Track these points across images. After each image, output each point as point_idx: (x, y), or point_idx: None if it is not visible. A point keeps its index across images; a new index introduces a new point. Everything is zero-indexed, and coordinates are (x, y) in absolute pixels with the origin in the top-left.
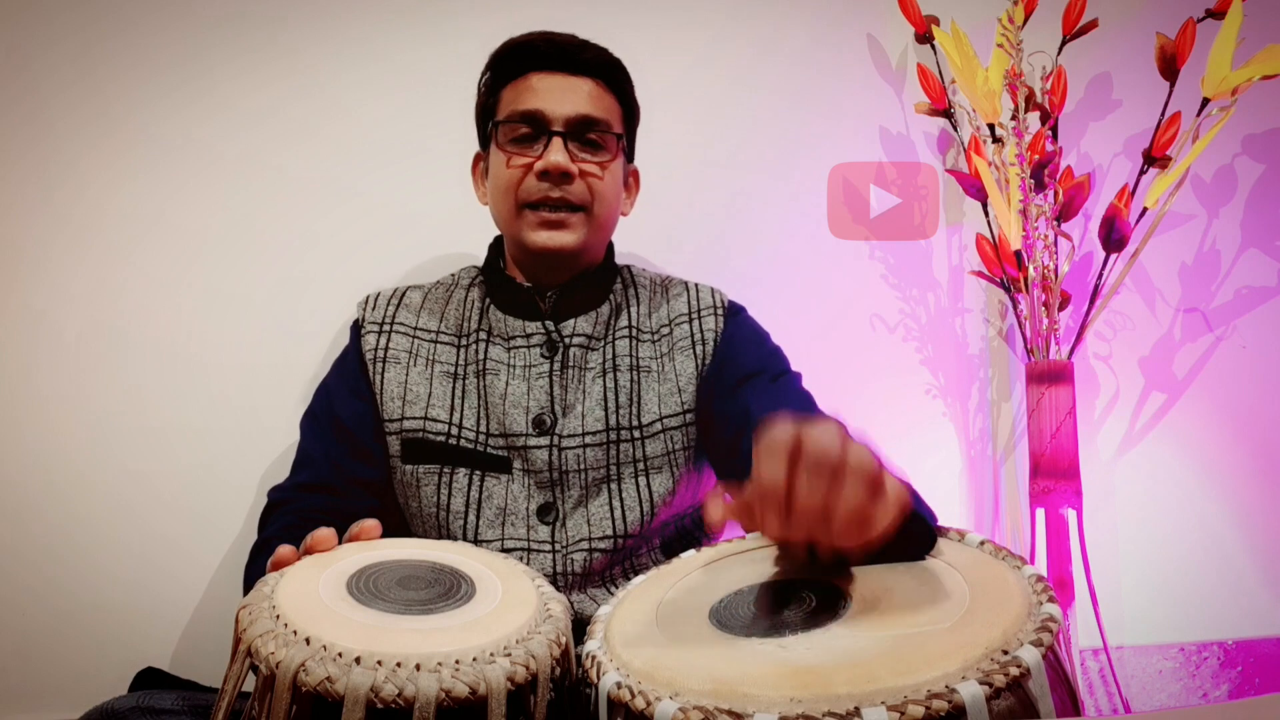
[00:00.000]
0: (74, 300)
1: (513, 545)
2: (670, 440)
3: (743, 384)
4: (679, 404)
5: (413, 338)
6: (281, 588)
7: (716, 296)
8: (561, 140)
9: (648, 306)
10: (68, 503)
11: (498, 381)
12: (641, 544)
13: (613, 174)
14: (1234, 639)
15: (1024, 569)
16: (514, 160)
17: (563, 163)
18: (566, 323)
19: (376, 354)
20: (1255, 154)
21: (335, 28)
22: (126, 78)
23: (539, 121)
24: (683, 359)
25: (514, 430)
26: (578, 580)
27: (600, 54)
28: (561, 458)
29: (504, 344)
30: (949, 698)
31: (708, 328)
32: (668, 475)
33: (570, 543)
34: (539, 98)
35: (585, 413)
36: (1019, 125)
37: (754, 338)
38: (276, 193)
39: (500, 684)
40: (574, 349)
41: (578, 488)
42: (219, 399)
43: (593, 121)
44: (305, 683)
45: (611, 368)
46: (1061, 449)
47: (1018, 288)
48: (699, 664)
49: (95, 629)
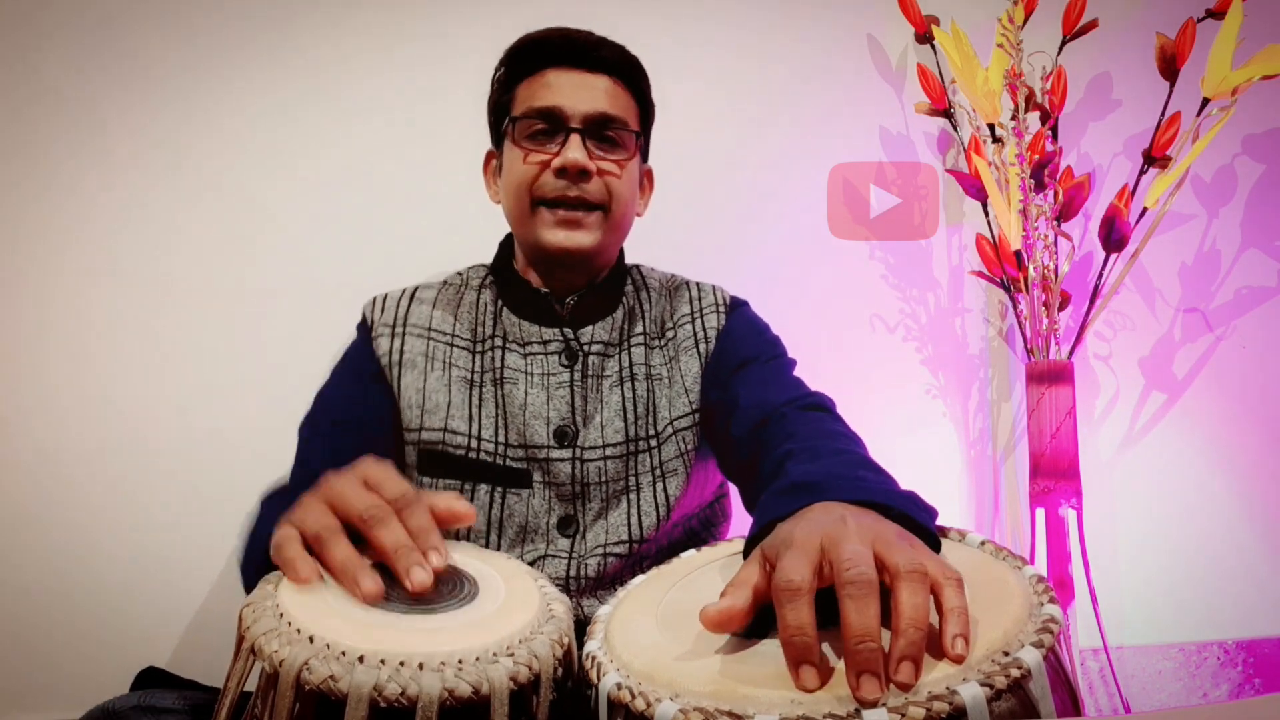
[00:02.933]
0: (75, 300)
1: (530, 557)
2: (682, 441)
3: (736, 371)
4: (687, 404)
5: (427, 339)
6: (285, 586)
7: (719, 294)
8: (580, 137)
9: (657, 310)
10: (69, 502)
11: (517, 390)
12: (654, 547)
13: (629, 173)
14: (1234, 639)
15: (1024, 569)
16: (530, 157)
17: (581, 160)
18: (584, 330)
19: (392, 358)
20: (1255, 154)
21: (344, 27)
22: (131, 85)
23: (557, 118)
24: (688, 359)
25: (535, 442)
26: (590, 584)
27: (618, 51)
28: (584, 470)
29: (520, 350)
30: (950, 699)
31: (710, 325)
32: (681, 476)
33: (587, 551)
34: (556, 94)
35: (605, 423)
36: (1019, 125)
37: (753, 329)
38: (289, 194)
39: (503, 684)
40: (593, 357)
41: (599, 500)
42: (221, 398)
43: (611, 119)
44: (308, 681)
45: (629, 376)
46: (1061, 449)
47: (1018, 288)
48: (699, 664)
49: (97, 629)
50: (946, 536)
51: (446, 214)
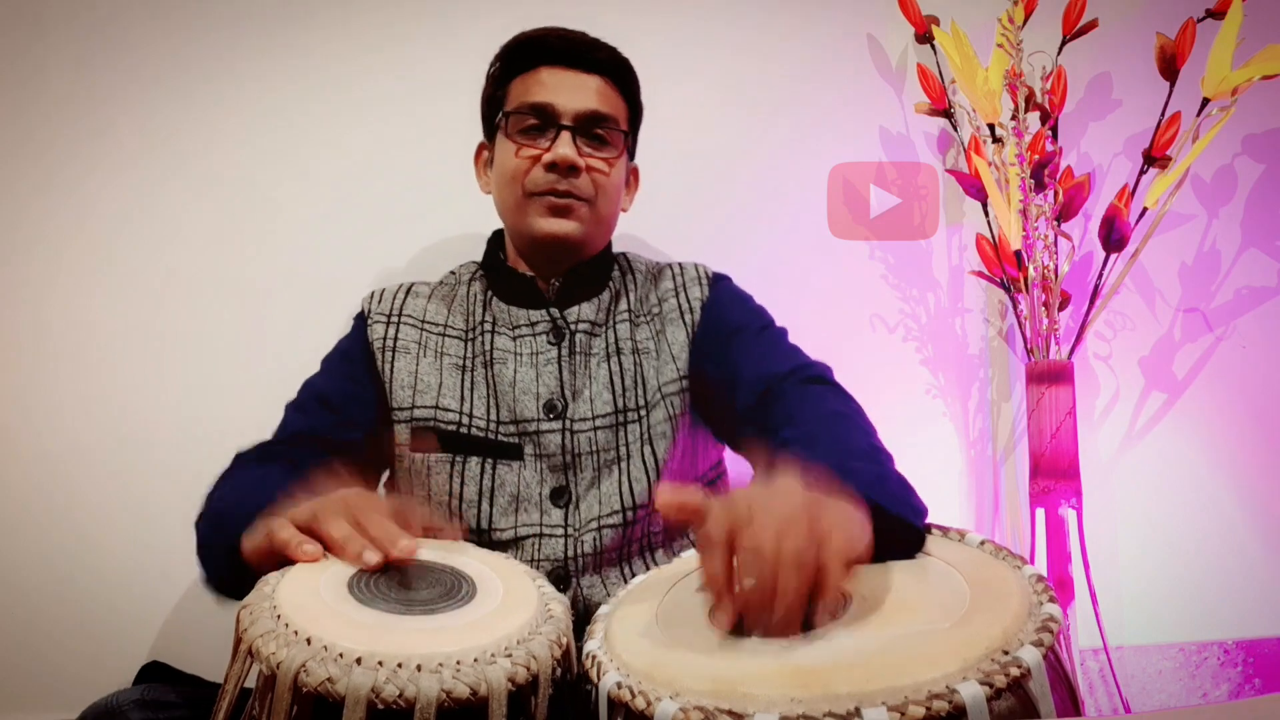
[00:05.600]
0: (75, 298)
1: (526, 532)
2: (670, 405)
3: (730, 340)
4: (674, 371)
5: (421, 329)
6: (283, 588)
7: (700, 269)
8: (570, 134)
9: (642, 290)
10: (69, 502)
11: (506, 370)
12: (647, 519)
13: (617, 170)
14: (1234, 639)
15: (1024, 569)
16: (522, 151)
17: (571, 156)
18: (571, 309)
19: (385, 343)
20: (1255, 154)
21: (344, 26)
22: (130, 84)
23: (549, 114)
24: (674, 330)
25: (525, 416)
26: (590, 562)
27: (611, 53)
28: (574, 441)
29: (510, 333)
30: (949, 698)
31: (694, 296)
32: (669, 439)
33: (582, 524)
34: (549, 91)
35: (593, 396)
36: (1019, 125)
37: (737, 298)
38: (290, 193)
39: (501, 684)
40: (579, 335)
41: (590, 469)
42: (222, 396)
43: (601, 118)
44: (306, 683)
45: (615, 351)
46: (1061, 449)
47: (1018, 288)
48: (699, 664)
49: (97, 629)
50: (946, 536)
51: (447, 212)
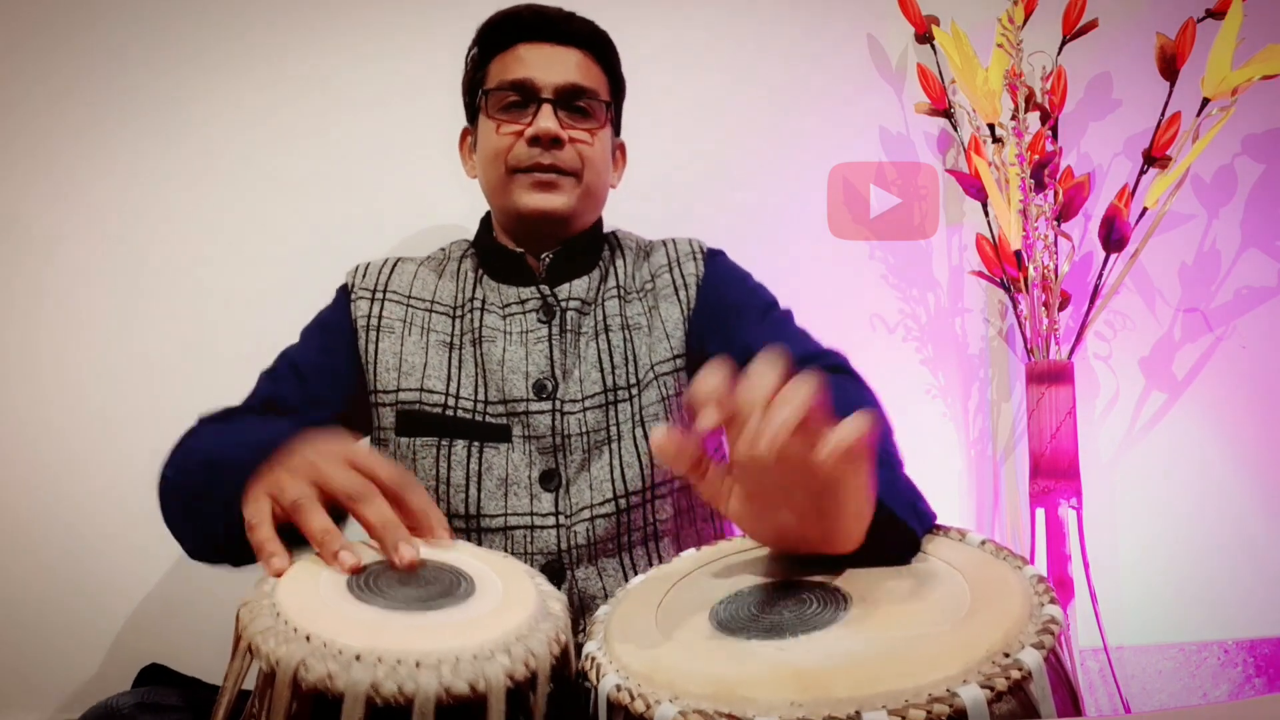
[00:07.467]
0: (68, 301)
1: (516, 521)
2: (664, 386)
3: (732, 318)
4: (668, 349)
5: (406, 306)
6: (282, 585)
7: (695, 244)
8: (551, 107)
9: (633, 266)
10: (69, 504)
11: (495, 348)
12: (643, 507)
13: (601, 142)
14: (1234, 639)
15: (1025, 569)
16: (504, 128)
17: (553, 128)
18: (561, 287)
19: (370, 321)
20: (1255, 154)
21: (331, 26)
22: (113, 85)
23: (528, 89)
24: (668, 306)
25: (514, 396)
26: (584, 554)
27: (586, 25)
28: (564, 422)
29: (500, 311)
30: (950, 701)
31: (689, 272)
32: (662, 421)
33: (574, 512)
34: (527, 67)
35: (583, 376)
36: (1019, 125)
37: (735, 275)
38: (274, 188)
39: (500, 681)
40: (570, 312)
41: (580, 451)
42: (222, 395)
43: (581, 90)
44: (305, 680)
45: (604, 329)
46: (1061, 449)
47: (1018, 288)
48: (699, 666)
49: (97, 631)
50: (947, 536)
51: (434, 206)
